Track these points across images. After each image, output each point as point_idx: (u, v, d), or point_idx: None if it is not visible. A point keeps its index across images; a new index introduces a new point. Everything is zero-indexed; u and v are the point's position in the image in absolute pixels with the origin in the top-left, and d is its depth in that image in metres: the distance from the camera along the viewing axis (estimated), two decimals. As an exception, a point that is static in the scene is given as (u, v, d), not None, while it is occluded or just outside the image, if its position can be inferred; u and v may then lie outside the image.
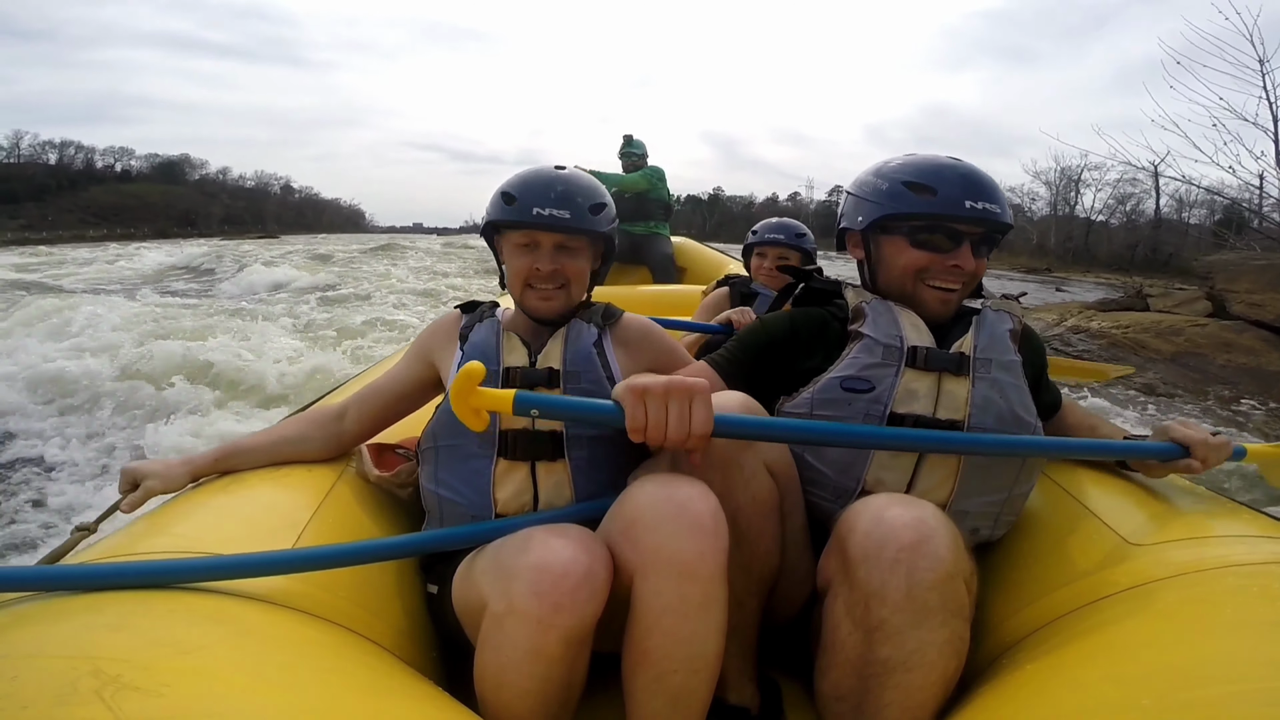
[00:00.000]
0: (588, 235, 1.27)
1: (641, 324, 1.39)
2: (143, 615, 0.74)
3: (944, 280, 1.19)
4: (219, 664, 0.68)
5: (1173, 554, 0.98)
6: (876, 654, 0.90)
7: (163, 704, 0.58)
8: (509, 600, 0.89)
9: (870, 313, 1.21)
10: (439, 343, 1.37)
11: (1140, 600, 0.91)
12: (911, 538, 0.90)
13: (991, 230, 1.19)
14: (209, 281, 13.90)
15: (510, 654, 0.90)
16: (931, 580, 0.88)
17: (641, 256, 5.06)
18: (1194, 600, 0.86)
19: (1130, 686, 0.72)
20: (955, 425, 1.13)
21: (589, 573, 0.90)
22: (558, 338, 1.27)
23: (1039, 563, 1.13)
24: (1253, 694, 0.65)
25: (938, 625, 0.88)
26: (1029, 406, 1.17)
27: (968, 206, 1.14)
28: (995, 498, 1.16)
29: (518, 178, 1.28)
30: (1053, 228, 37.22)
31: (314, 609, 0.91)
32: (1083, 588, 1.00)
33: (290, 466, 1.29)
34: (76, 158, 75.85)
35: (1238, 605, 0.83)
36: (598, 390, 1.24)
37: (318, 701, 0.69)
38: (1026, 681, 0.87)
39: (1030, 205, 39.03)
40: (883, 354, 1.16)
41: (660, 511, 0.92)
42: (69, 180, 70.52)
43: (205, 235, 53.59)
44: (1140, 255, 33.24)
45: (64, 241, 37.55)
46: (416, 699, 0.83)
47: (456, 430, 1.19)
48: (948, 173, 1.17)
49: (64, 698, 0.56)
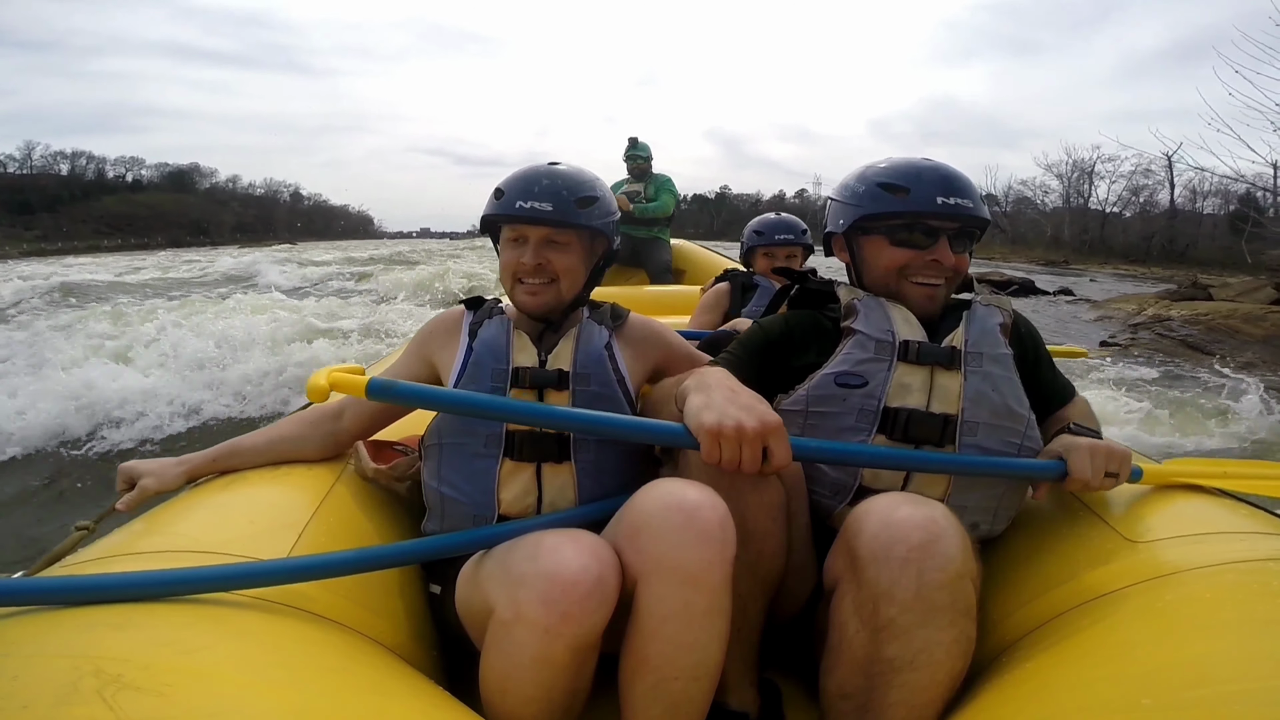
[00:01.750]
0: (575, 229, 1.26)
1: (647, 324, 1.38)
2: (144, 615, 0.74)
3: (925, 276, 1.22)
4: (220, 664, 0.69)
5: (1173, 551, 0.98)
6: (883, 653, 0.90)
7: (164, 704, 0.58)
8: (516, 608, 0.88)
9: (862, 309, 1.22)
10: (439, 341, 1.36)
11: (1140, 598, 0.91)
12: (921, 538, 0.90)
13: (967, 225, 1.22)
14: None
15: (517, 661, 0.89)
16: (941, 580, 0.88)
17: (640, 260, 5.07)
18: (1194, 598, 0.86)
19: (1130, 685, 0.72)
20: (949, 419, 1.14)
21: (599, 581, 0.89)
22: (569, 338, 1.26)
23: (1039, 560, 1.13)
24: (1253, 693, 0.65)
25: (946, 625, 0.88)
26: (1021, 399, 1.18)
27: (939, 202, 1.18)
28: (992, 491, 1.16)
29: (512, 174, 1.29)
30: (1066, 220, 36.89)
31: (315, 609, 0.91)
32: (1083, 585, 1.00)
33: (290, 466, 1.29)
34: (88, 168, 76.36)
35: (1238, 603, 0.82)
36: (607, 393, 1.23)
37: (319, 701, 0.69)
38: (1027, 680, 0.87)
39: (1043, 198, 38.78)
40: (875, 349, 1.17)
41: (668, 519, 0.91)
42: (81, 190, 70.99)
43: (218, 244, 54.10)
44: (1157, 246, 32.92)
45: (79, 252, 37.98)
46: (418, 699, 0.83)
47: (462, 428, 1.19)
48: (920, 172, 1.22)
49: (65, 697, 0.56)
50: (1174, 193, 34.09)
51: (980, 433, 1.15)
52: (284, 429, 1.37)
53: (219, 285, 12.39)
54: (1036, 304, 13.37)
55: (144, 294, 10.77)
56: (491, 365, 1.23)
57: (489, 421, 1.18)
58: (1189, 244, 32.82)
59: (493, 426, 1.18)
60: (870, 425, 1.15)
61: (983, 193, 13.64)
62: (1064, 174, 37.69)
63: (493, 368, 1.22)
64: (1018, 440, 1.17)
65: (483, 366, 1.23)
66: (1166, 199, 34.48)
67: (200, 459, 1.27)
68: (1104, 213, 36.87)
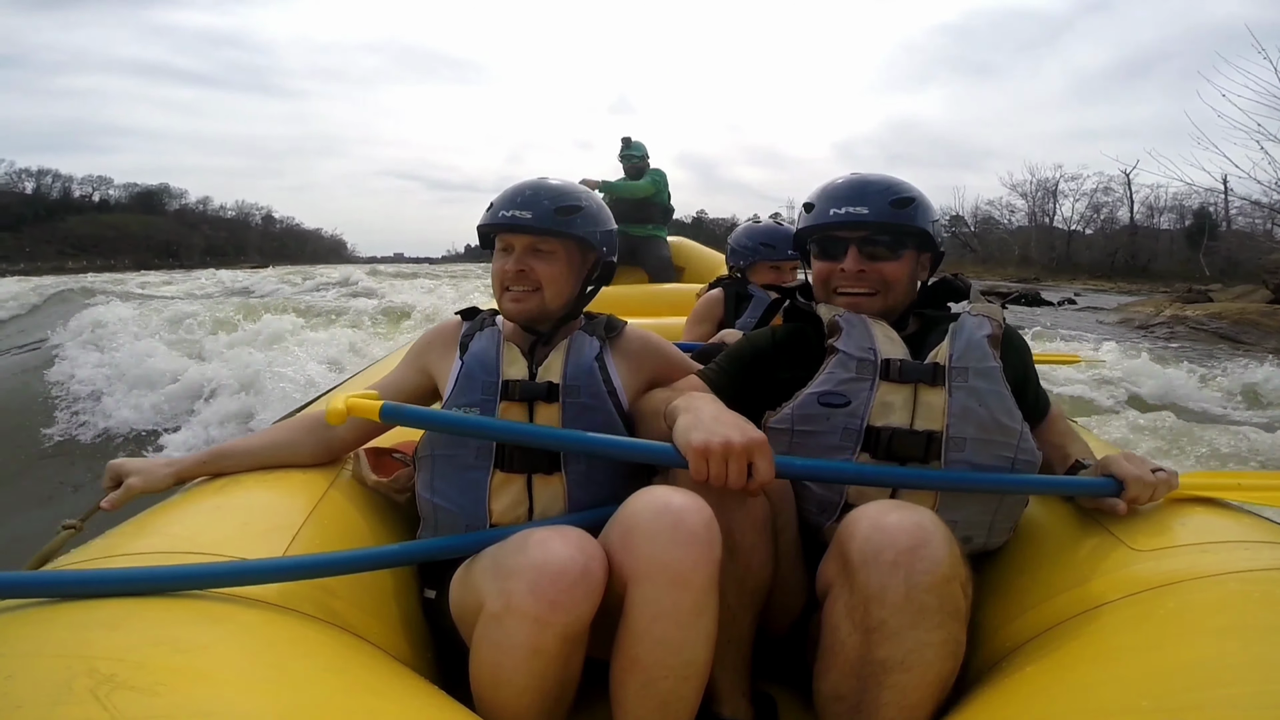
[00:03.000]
0: (558, 238, 1.27)
1: (643, 336, 1.39)
2: (138, 615, 0.74)
3: (847, 285, 1.26)
4: (214, 664, 0.68)
5: (1174, 560, 0.97)
6: (875, 654, 0.91)
7: (158, 703, 0.58)
8: (507, 599, 0.90)
9: (845, 326, 1.22)
10: (437, 352, 1.36)
11: (1141, 606, 0.91)
12: (909, 541, 0.92)
13: (874, 232, 1.24)
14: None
15: (508, 652, 0.90)
16: (929, 583, 0.90)
17: (639, 259, 4.99)
18: (1195, 606, 0.86)
19: (1128, 689, 0.72)
20: (933, 436, 1.14)
21: (585, 571, 0.92)
22: (559, 350, 1.27)
23: (1041, 568, 1.13)
24: (1252, 697, 0.65)
25: (934, 626, 0.90)
26: (1011, 412, 1.17)
27: (832, 213, 1.24)
28: (985, 507, 1.16)
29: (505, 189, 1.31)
30: (1033, 238, 37.76)
31: (310, 610, 0.91)
32: (1084, 593, 1.00)
33: (284, 470, 1.27)
34: (54, 187, 74.32)
35: (1240, 610, 0.83)
36: (597, 405, 1.24)
37: (313, 701, 0.69)
38: (1025, 684, 0.87)
39: (1010, 217, 39.70)
40: (856, 368, 1.18)
41: (657, 521, 0.94)
42: (46, 210, 68.80)
43: (188, 267, 53.01)
44: (1120, 261, 33.83)
45: (42, 274, 36.96)
46: (413, 698, 0.83)
47: (454, 439, 1.20)
48: (827, 187, 1.29)
49: (59, 697, 0.56)
50: (1133, 209, 35.21)
51: (969, 448, 1.14)
52: (276, 434, 1.36)
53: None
54: (1056, 313, 14.35)
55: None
56: (482, 378, 1.23)
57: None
58: (1150, 258, 33.80)
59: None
60: (854, 444, 1.15)
61: (950, 213, 13.73)
62: (1029, 193, 38.71)
63: (483, 380, 1.23)
64: (1010, 454, 1.15)
65: (473, 379, 1.24)
66: (1126, 216, 35.58)
67: (190, 461, 1.26)
68: (1069, 231, 37.85)
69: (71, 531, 1.09)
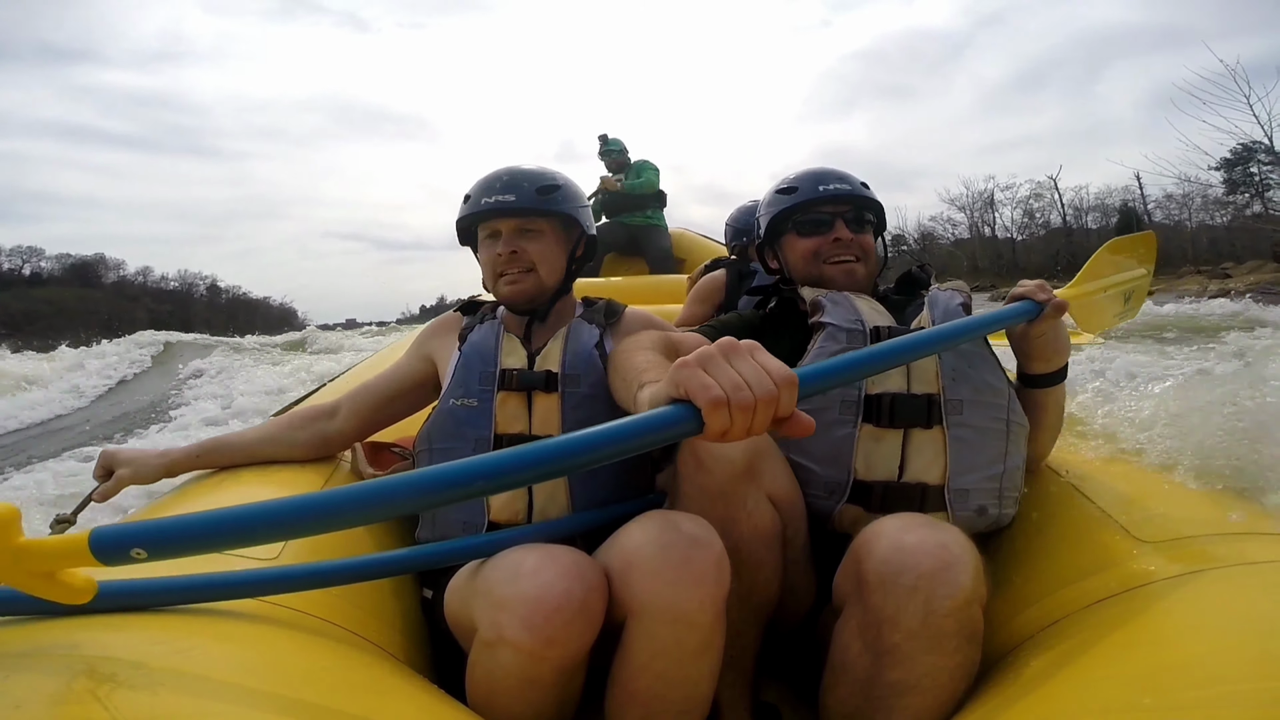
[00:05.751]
0: (544, 216, 1.29)
1: (643, 317, 1.38)
2: (137, 614, 0.73)
3: (837, 254, 1.33)
4: (214, 663, 0.68)
5: (1179, 552, 0.96)
6: (886, 677, 0.89)
7: (158, 703, 0.58)
8: (499, 631, 0.86)
9: (827, 303, 1.25)
10: (440, 340, 1.36)
11: (1145, 599, 0.90)
12: (932, 565, 0.87)
13: (859, 207, 1.36)
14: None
15: (501, 680, 0.88)
16: (949, 607, 0.86)
17: (639, 248, 4.91)
18: (1200, 599, 0.85)
19: (1132, 685, 0.71)
20: (931, 398, 1.14)
21: (583, 605, 0.87)
22: (558, 338, 1.26)
23: (1044, 561, 1.12)
24: (1255, 693, 0.64)
25: (951, 650, 0.87)
26: (997, 373, 1.20)
27: (821, 189, 1.35)
28: (991, 471, 1.15)
29: (477, 180, 1.33)
30: (977, 249, 39.15)
31: (308, 608, 0.89)
32: (1088, 587, 0.99)
33: (280, 466, 1.25)
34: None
35: (1245, 604, 0.82)
36: (598, 393, 1.20)
37: (313, 699, 0.68)
38: (1030, 681, 0.86)
39: (951, 231, 41.12)
40: (847, 338, 1.19)
41: (662, 557, 0.88)
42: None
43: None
44: (1063, 262, 35.30)
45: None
46: (413, 698, 0.82)
47: (452, 434, 1.19)
48: (803, 173, 1.41)
49: (59, 697, 0.55)
50: (1065, 212, 36.91)
51: (966, 410, 1.14)
52: (271, 428, 1.34)
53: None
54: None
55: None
56: (480, 368, 1.23)
57: (478, 426, 1.18)
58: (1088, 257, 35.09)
59: (481, 431, 1.19)
60: (855, 415, 1.15)
61: (893, 232, 14.15)
62: (967, 205, 40.24)
63: (480, 370, 1.23)
64: (1004, 415, 1.17)
65: (471, 370, 1.23)
66: (1059, 219, 37.23)
67: (181, 453, 1.23)
68: (1013, 238, 39.38)
69: (64, 526, 1.08)
